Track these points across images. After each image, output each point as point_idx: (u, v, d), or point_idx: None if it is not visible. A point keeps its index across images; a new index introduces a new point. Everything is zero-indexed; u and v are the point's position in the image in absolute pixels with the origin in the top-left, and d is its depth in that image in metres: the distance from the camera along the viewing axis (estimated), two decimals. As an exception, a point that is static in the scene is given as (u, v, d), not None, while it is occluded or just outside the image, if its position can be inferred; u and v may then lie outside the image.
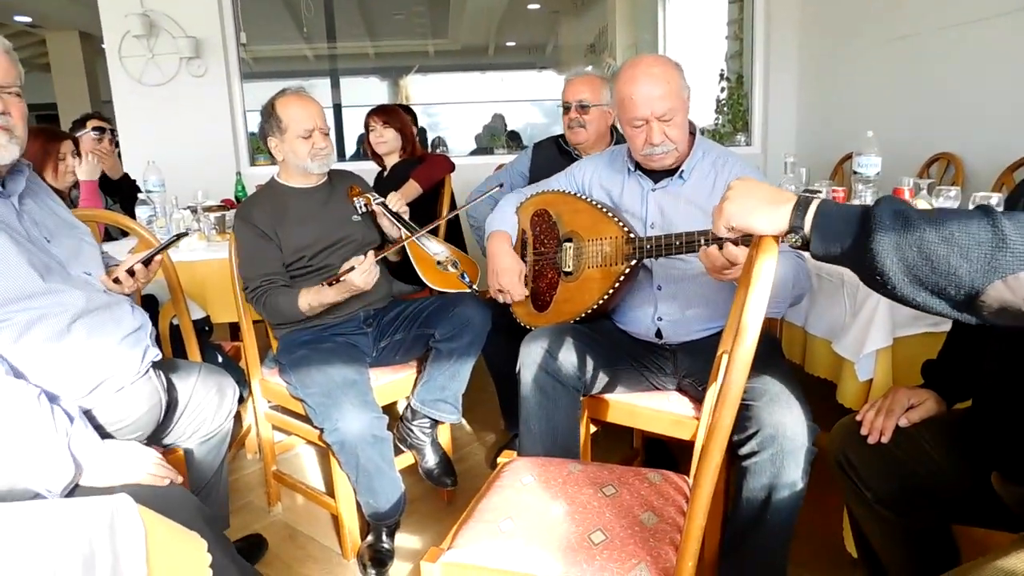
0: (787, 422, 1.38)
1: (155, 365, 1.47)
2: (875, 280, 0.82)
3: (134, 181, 3.17)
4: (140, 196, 2.65)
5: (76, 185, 2.76)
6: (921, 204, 1.95)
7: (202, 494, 1.67)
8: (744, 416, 1.42)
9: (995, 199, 1.84)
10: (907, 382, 1.55)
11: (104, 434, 1.33)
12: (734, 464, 1.47)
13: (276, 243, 1.97)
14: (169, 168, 3.07)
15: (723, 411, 0.94)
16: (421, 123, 4.41)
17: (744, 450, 1.42)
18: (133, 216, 2.57)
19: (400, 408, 2.08)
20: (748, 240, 1.37)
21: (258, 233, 1.96)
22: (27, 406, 1.13)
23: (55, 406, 1.18)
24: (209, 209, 2.76)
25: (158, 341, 2.06)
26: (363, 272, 1.80)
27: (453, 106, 6.65)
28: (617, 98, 1.67)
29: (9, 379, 1.15)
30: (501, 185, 2.32)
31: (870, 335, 1.52)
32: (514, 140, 6.04)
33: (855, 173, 2.34)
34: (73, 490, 1.17)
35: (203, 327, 2.29)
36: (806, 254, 1.29)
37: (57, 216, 1.45)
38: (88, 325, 1.32)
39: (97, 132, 3.04)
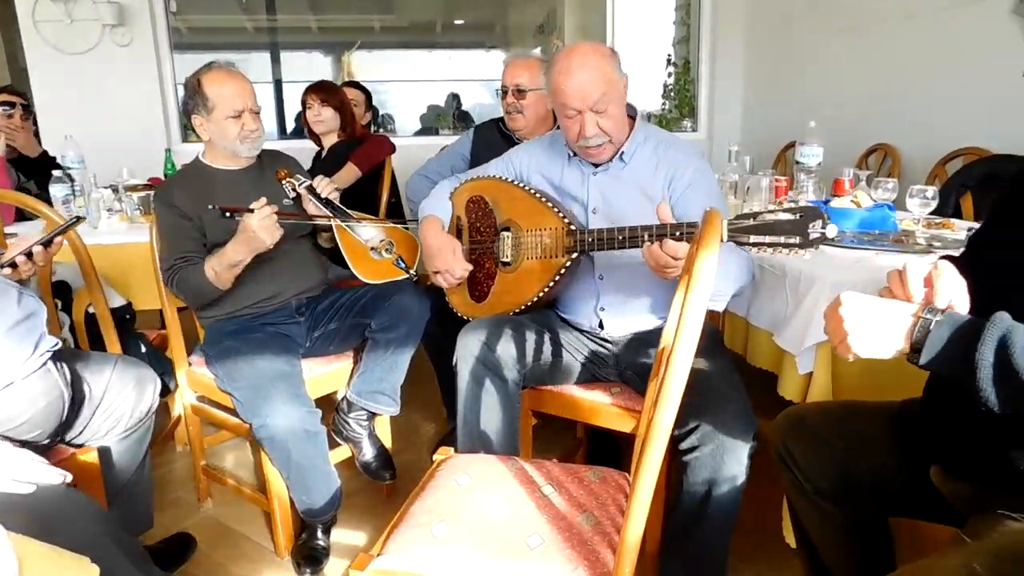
0: (728, 417, 1.37)
1: (57, 357, 1.35)
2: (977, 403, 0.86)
3: (53, 159, 2.95)
4: (56, 173, 2.47)
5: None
6: (860, 196, 1.97)
7: (121, 494, 1.57)
8: (685, 411, 1.39)
9: (930, 192, 1.87)
10: (848, 376, 1.56)
11: None
12: (675, 459, 1.45)
13: (197, 224, 1.84)
14: (92, 144, 2.88)
15: (663, 412, 0.91)
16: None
17: (684, 445, 1.41)
18: (48, 195, 2.40)
19: (338, 398, 2.00)
20: (690, 235, 1.34)
21: (178, 214, 1.83)
22: None
23: None
24: (132, 188, 2.61)
25: (73, 331, 1.93)
26: (261, 216, 1.65)
27: (400, 84, 6.47)
28: (551, 88, 1.62)
29: None
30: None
31: (811, 329, 1.52)
32: (463, 121, 5.92)
33: (797, 163, 2.35)
34: None
35: (124, 315, 2.15)
36: (751, 250, 1.26)
37: None
38: None
39: (6, 107, 2.82)
